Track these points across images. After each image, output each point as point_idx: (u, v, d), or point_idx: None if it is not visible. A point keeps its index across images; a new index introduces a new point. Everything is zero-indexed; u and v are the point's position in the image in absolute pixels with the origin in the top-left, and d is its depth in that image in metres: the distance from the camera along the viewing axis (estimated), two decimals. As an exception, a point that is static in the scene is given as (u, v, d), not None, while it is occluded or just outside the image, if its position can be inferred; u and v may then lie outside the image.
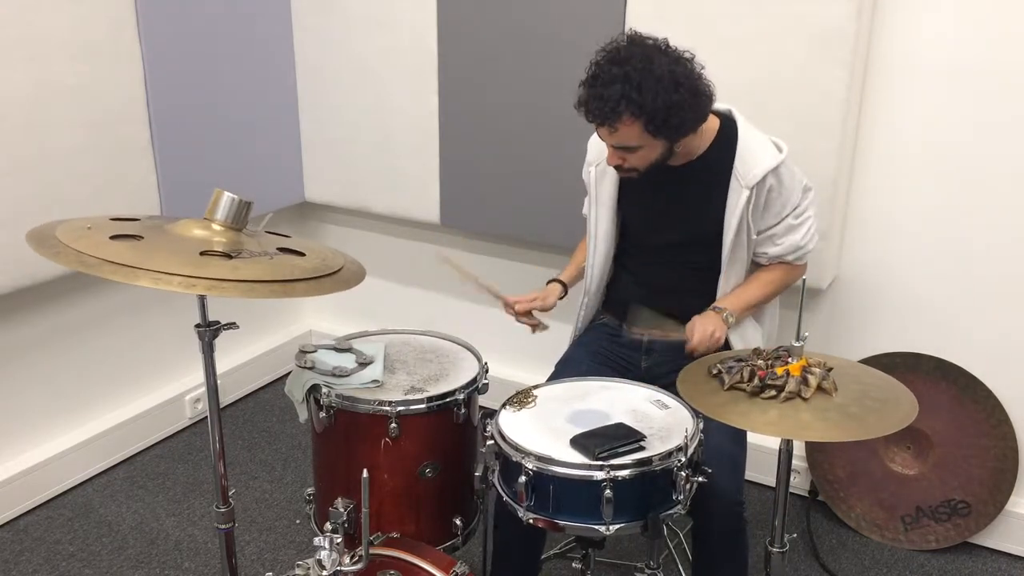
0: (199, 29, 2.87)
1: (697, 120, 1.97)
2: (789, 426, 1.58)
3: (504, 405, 1.92)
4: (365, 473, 1.60)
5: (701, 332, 2.03)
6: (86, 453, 2.90)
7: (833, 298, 2.71)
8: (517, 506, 1.77)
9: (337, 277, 1.69)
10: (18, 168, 2.47)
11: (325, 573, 1.62)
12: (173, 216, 1.95)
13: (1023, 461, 2.56)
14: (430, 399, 1.95)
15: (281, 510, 2.79)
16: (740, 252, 2.11)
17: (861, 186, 2.58)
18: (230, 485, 1.89)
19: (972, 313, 2.53)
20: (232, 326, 1.75)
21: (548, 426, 1.84)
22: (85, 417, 2.94)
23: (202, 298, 1.70)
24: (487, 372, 2.09)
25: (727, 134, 2.08)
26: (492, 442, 1.82)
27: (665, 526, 2.00)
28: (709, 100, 1.97)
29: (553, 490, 1.72)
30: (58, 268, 2.37)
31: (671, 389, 1.89)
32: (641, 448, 1.75)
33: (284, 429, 3.23)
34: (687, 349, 2.04)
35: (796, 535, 2.63)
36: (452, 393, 1.98)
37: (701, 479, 1.80)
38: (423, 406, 1.95)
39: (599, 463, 1.69)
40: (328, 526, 1.91)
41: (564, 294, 2.31)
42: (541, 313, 2.27)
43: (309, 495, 2.16)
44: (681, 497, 1.76)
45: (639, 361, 2.22)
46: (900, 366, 2.58)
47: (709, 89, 1.96)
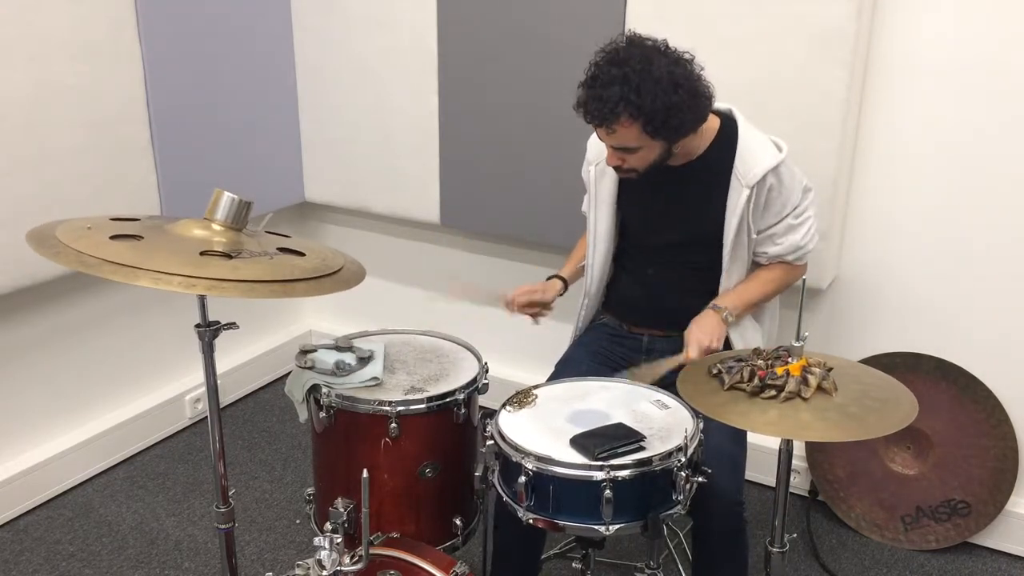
0: (199, 29, 2.87)
1: (696, 121, 1.97)
2: (789, 426, 1.57)
3: (504, 405, 1.92)
4: (365, 473, 1.60)
5: (697, 344, 2.01)
6: (86, 453, 2.90)
7: (833, 298, 2.71)
8: (517, 506, 1.77)
9: (337, 277, 1.69)
10: (18, 168, 2.47)
11: (325, 573, 1.61)
12: (173, 216, 1.95)
13: (1023, 461, 2.56)
14: (430, 399, 1.95)
15: (281, 510, 2.79)
16: (740, 252, 2.11)
17: (861, 186, 2.58)
18: (230, 485, 1.89)
19: (972, 313, 2.53)
20: (232, 326, 1.75)
21: (548, 426, 1.84)
22: (85, 417, 2.94)
23: (202, 298, 1.70)
24: (487, 372, 2.08)
25: (727, 134, 2.08)
26: (492, 442, 1.82)
27: (665, 526, 2.00)
28: (708, 101, 1.97)
29: (553, 490, 1.72)
30: (58, 268, 2.37)
31: (671, 389, 1.89)
32: (641, 448, 1.75)
33: (284, 429, 3.23)
34: (683, 359, 2.00)
35: (796, 535, 2.63)
36: (452, 393, 1.98)
37: (701, 479, 1.80)
38: (423, 406, 1.95)
39: (599, 463, 1.69)
40: (328, 526, 1.91)
41: (564, 290, 2.31)
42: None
43: (309, 495, 2.16)
44: (681, 497, 1.76)
45: (639, 361, 2.22)
46: (900, 366, 2.58)
47: (708, 90, 1.96)
